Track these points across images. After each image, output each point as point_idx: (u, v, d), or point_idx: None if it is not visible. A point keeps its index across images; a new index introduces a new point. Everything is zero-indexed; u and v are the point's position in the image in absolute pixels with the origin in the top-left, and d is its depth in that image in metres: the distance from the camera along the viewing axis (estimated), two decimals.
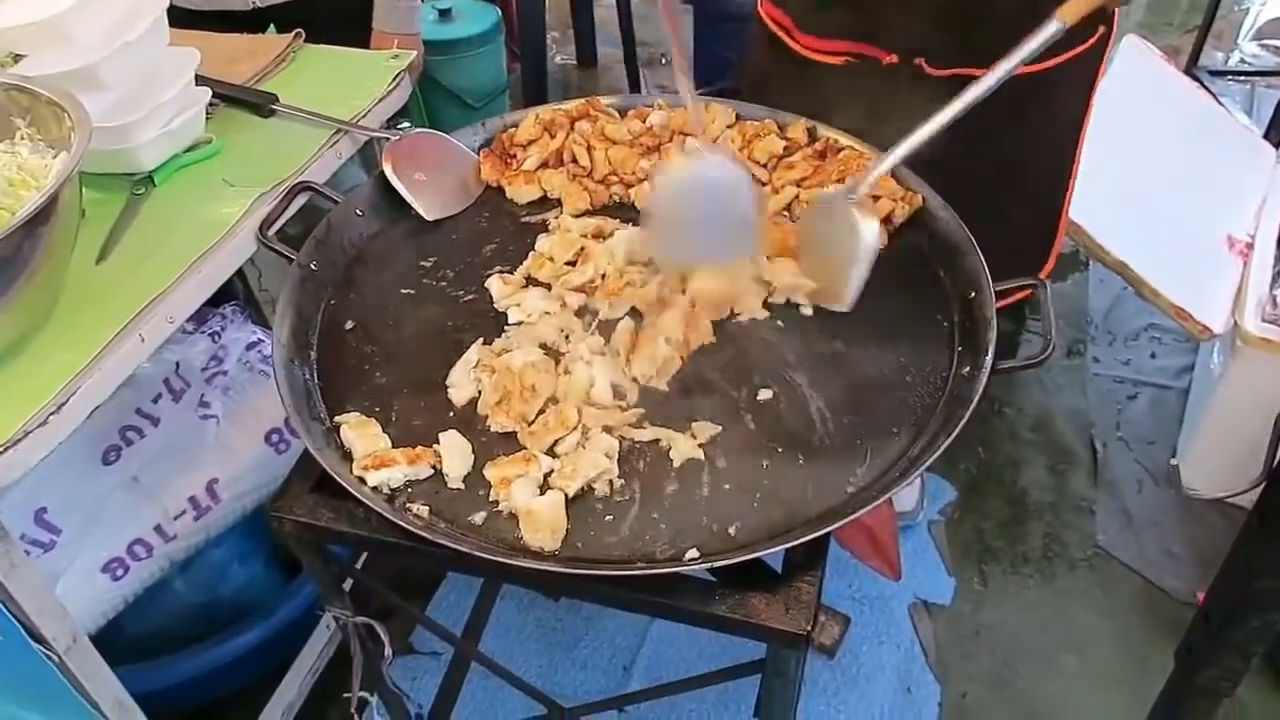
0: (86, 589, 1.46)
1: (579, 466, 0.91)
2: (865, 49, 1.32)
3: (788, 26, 1.39)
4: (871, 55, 1.32)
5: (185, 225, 1.16)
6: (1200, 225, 1.95)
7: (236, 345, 1.70)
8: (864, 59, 1.33)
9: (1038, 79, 1.21)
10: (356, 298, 1.13)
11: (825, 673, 1.82)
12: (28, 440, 0.92)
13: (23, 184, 1.00)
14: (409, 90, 1.46)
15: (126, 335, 1.02)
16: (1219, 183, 2.06)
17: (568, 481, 0.90)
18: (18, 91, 1.05)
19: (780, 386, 1.01)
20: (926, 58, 1.28)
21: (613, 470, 0.92)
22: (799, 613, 0.87)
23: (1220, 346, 2.04)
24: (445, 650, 1.83)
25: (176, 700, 1.60)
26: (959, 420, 0.92)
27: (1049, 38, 0.96)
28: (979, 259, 1.07)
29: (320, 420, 0.99)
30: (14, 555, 0.98)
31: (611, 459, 0.93)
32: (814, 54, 1.37)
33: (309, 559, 1.06)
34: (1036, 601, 1.95)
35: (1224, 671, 0.95)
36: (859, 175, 1.06)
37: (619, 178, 1.24)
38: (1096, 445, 2.25)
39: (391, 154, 1.22)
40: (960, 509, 2.13)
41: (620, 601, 0.93)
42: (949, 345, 1.04)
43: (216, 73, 1.36)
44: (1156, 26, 3.81)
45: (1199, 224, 1.95)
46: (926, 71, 1.29)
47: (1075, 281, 2.70)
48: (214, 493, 1.58)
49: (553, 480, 0.91)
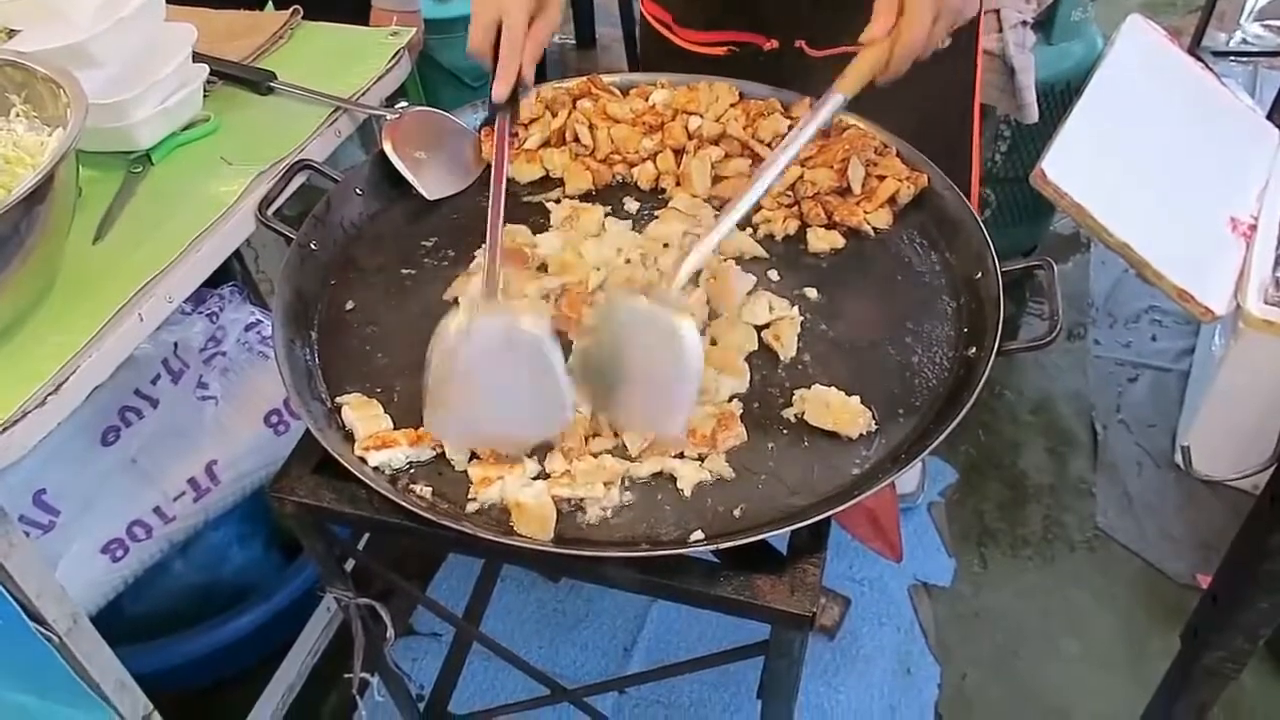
0: (86, 570, 1.46)
1: (576, 479, 0.88)
2: (745, 37, 1.33)
3: (668, 22, 1.41)
4: (751, 42, 1.33)
5: (183, 204, 1.15)
6: (1203, 207, 1.94)
7: (235, 326, 1.69)
8: (744, 46, 1.34)
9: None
10: (357, 277, 1.12)
11: (825, 654, 1.82)
12: (26, 421, 0.91)
13: (18, 161, 0.99)
14: (408, 68, 1.44)
15: (125, 315, 1.02)
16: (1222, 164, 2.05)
17: (563, 488, 0.88)
18: (12, 68, 1.04)
19: (784, 367, 1.00)
20: (808, 40, 1.29)
21: (612, 497, 0.88)
22: (804, 595, 0.86)
23: (1222, 329, 2.03)
24: (446, 631, 1.84)
25: (177, 681, 1.60)
26: (965, 402, 0.91)
27: (835, 108, 0.96)
28: (984, 238, 1.06)
29: (321, 401, 0.98)
30: (13, 536, 0.98)
31: (611, 486, 0.89)
32: (696, 47, 1.38)
33: (310, 540, 1.05)
34: (1036, 583, 1.96)
35: (1230, 653, 0.95)
36: (673, 269, 0.86)
37: (621, 157, 1.23)
38: (1097, 428, 2.25)
39: (391, 132, 1.20)
40: (960, 491, 2.13)
41: (624, 583, 0.92)
42: (954, 326, 1.03)
43: (214, 50, 1.34)
44: (1160, 7, 3.79)
45: (1202, 206, 1.94)
46: (808, 54, 1.30)
47: (1076, 263, 2.69)
48: (213, 474, 1.58)
49: (549, 484, 0.88)
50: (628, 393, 0.85)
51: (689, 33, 1.39)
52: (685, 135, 1.23)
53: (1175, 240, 1.79)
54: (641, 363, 0.84)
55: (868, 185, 1.15)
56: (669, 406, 0.84)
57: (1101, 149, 1.83)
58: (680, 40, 1.40)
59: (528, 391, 0.84)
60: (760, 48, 1.33)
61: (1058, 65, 2.24)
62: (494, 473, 0.89)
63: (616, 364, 0.84)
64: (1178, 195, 1.91)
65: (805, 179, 1.16)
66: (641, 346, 0.83)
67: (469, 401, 0.85)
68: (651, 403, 0.85)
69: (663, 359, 0.82)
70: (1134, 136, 1.94)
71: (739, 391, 0.98)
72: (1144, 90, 2.05)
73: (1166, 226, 1.81)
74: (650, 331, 0.82)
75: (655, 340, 0.82)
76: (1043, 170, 1.68)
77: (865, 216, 1.13)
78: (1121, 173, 1.86)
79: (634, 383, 0.84)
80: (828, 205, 1.14)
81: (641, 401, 0.86)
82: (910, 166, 1.16)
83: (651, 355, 0.83)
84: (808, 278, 1.10)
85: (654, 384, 0.84)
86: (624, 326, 0.84)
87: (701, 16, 1.36)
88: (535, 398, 0.85)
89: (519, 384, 0.84)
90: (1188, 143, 2.03)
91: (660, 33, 1.42)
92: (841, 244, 1.13)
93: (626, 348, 0.84)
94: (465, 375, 0.84)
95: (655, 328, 0.82)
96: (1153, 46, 2.13)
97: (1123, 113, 1.93)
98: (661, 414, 0.85)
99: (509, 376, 0.84)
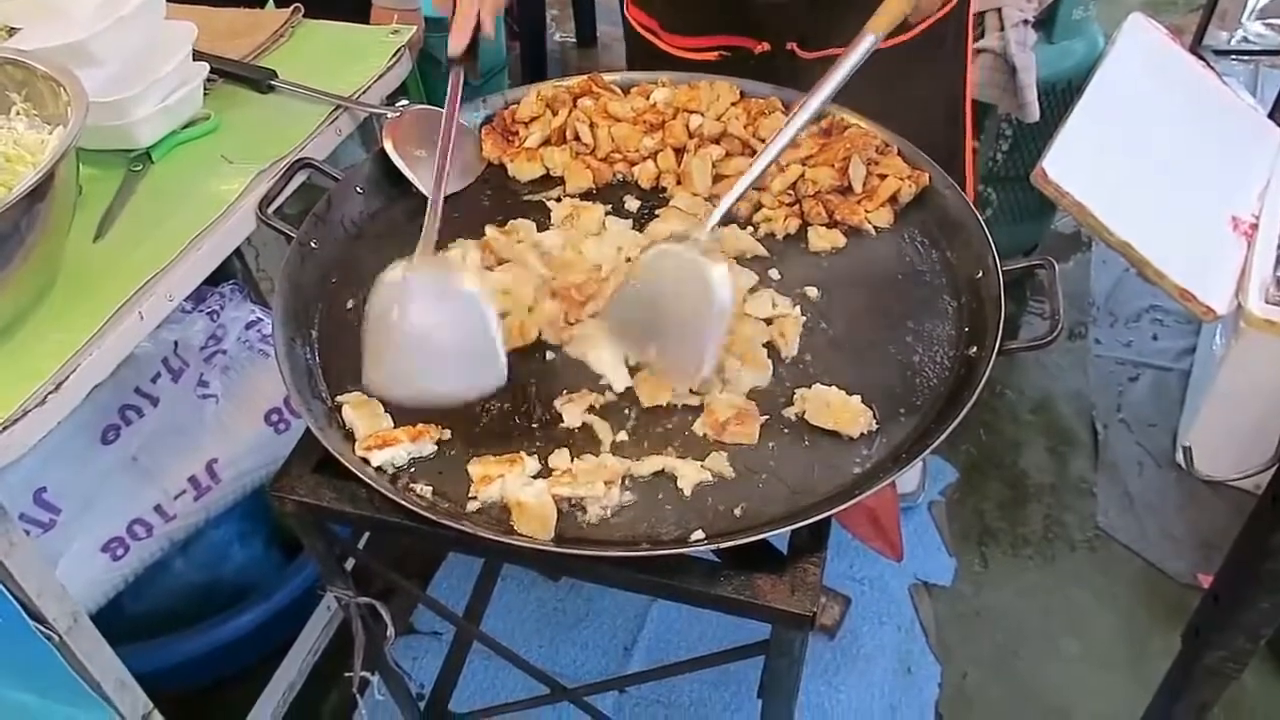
0: (86, 569, 1.46)
1: (577, 478, 0.88)
2: (735, 41, 1.33)
3: (654, 29, 1.39)
4: (743, 46, 1.32)
5: (184, 202, 1.15)
6: (1204, 206, 1.94)
7: (235, 324, 1.69)
8: (735, 50, 1.33)
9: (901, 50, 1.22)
10: (357, 276, 1.11)
11: (826, 653, 1.82)
12: (26, 420, 0.91)
13: (19, 160, 0.99)
14: (409, 66, 1.44)
15: (125, 313, 1.01)
16: (1224, 163, 2.04)
17: (563, 487, 0.88)
18: (13, 66, 1.04)
19: (785, 366, 1.00)
20: (799, 43, 1.29)
21: (613, 497, 0.88)
22: (804, 594, 0.86)
23: (1223, 328, 2.03)
24: (447, 629, 1.83)
25: (177, 680, 1.60)
26: (966, 402, 0.91)
27: (866, 51, 0.97)
28: (986, 237, 1.06)
29: (322, 400, 0.98)
30: (13, 535, 0.98)
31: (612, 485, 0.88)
32: (685, 53, 1.37)
33: (310, 539, 1.05)
34: (1037, 583, 1.95)
35: (1232, 653, 0.95)
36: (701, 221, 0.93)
37: (622, 155, 1.23)
38: (1097, 427, 2.24)
39: (392, 131, 1.20)
40: (961, 490, 2.13)
41: (625, 583, 0.92)
42: (955, 326, 1.03)
43: (214, 48, 1.34)
44: (1161, 5, 3.78)
45: (1203, 205, 1.94)
46: (800, 56, 1.30)
47: (1077, 262, 2.69)
48: (214, 472, 1.57)
49: (550, 483, 0.88)
50: (661, 336, 0.90)
51: (677, 39, 1.38)
52: (686, 134, 1.22)
53: (1176, 239, 1.79)
54: (674, 306, 0.88)
55: (869, 184, 1.15)
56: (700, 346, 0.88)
57: (1103, 148, 1.83)
58: (667, 46, 1.39)
59: (461, 346, 0.86)
60: (751, 51, 1.32)
61: (1059, 64, 2.24)
62: (494, 471, 0.89)
63: (651, 310, 0.89)
64: (1179, 194, 1.90)
65: (806, 178, 1.16)
66: (673, 291, 0.88)
67: (404, 354, 0.87)
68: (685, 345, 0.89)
69: (693, 300, 0.87)
70: (1135, 135, 1.93)
71: (760, 385, 0.97)
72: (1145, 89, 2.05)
73: (1168, 225, 1.81)
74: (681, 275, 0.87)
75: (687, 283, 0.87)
76: (1044, 169, 1.68)
77: (866, 215, 1.13)
78: (1123, 172, 1.86)
79: (667, 326, 0.88)
80: (829, 204, 1.14)
81: (675, 344, 0.90)
82: (912, 165, 1.16)
83: (682, 297, 0.87)
84: (809, 276, 1.09)
85: (686, 325, 0.88)
86: (658, 273, 0.88)
87: (689, 22, 1.35)
88: (469, 354, 0.86)
89: (453, 338, 0.86)
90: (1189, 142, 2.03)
91: (647, 39, 1.41)
92: (843, 243, 1.13)
93: (660, 294, 0.88)
94: (401, 327, 0.86)
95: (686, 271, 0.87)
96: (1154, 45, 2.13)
97: (1124, 111, 1.93)
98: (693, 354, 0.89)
99: (444, 330, 0.85)
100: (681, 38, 1.37)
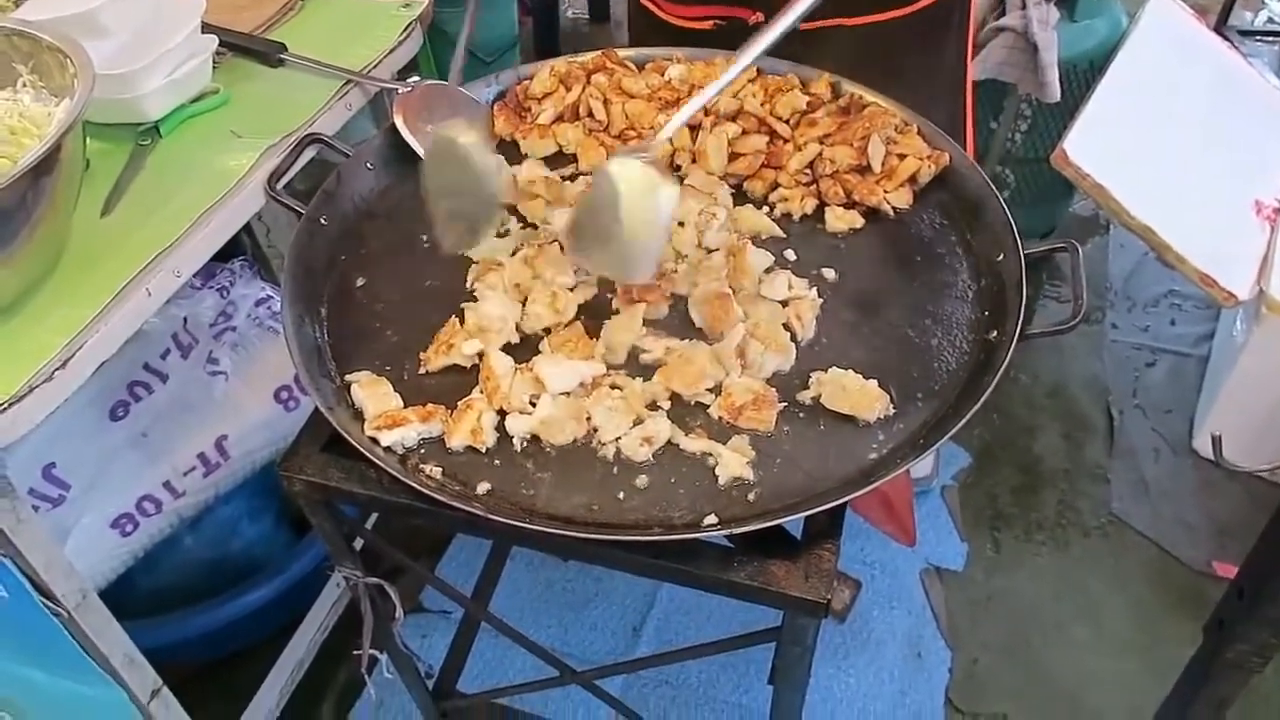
0: (95, 545, 1.45)
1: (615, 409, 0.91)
2: (731, 11, 1.32)
3: None
4: (738, 17, 1.31)
5: (192, 177, 1.13)
6: (1227, 189, 1.91)
7: (245, 301, 1.68)
8: (730, 20, 1.32)
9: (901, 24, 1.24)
10: (367, 254, 1.10)
11: (836, 637, 1.81)
12: (33, 396, 0.91)
13: (25, 132, 0.97)
14: (420, 41, 1.42)
15: (133, 289, 1.00)
16: (1248, 146, 2.01)
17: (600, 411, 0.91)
18: (19, 37, 1.02)
19: (801, 349, 0.98)
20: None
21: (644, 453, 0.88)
22: (818, 581, 0.85)
23: (1244, 314, 2.00)
24: (455, 609, 1.83)
25: (186, 656, 1.60)
26: (985, 387, 0.89)
27: None
28: (1007, 219, 1.04)
29: (330, 379, 0.97)
30: (22, 511, 0.97)
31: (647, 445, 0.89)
32: (683, 21, 1.37)
33: (319, 518, 1.04)
34: (1049, 569, 1.94)
35: (1255, 647, 0.94)
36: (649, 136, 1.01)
37: (636, 132, 1.21)
38: (1113, 413, 2.22)
39: (403, 106, 1.18)
40: (974, 475, 2.12)
41: (637, 567, 0.91)
42: (975, 309, 1.01)
43: (223, 20, 1.32)
44: None
45: (1226, 188, 1.91)
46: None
47: (1095, 246, 2.66)
48: (223, 449, 1.57)
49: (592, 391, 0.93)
50: (610, 240, 0.95)
51: (675, 7, 1.38)
52: (701, 110, 1.20)
53: (1198, 223, 1.76)
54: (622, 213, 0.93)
55: (888, 164, 1.13)
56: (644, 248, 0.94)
57: (1124, 129, 1.80)
58: (666, 15, 1.39)
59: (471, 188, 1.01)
60: (746, 22, 1.31)
61: (1081, 43, 2.20)
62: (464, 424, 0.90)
63: (600, 216, 0.95)
64: (1202, 177, 1.87)
65: (824, 157, 1.14)
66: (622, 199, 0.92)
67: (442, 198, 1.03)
68: (628, 246, 0.94)
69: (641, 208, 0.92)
70: (1158, 117, 1.90)
71: (783, 369, 0.96)
72: (1169, 69, 2.01)
73: (1190, 209, 1.78)
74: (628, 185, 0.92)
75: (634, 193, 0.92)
76: (1064, 150, 1.65)
77: (885, 196, 1.11)
78: (1144, 154, 1.83)
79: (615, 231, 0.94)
80: (847, 184, 1.12)
81: (620, 246, 0.94)
82: (932, 145, 1.14)
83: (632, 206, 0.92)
84: (825, 258, 1.07)
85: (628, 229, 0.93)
86: (607, 183, 0.93)
87: None
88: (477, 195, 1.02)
89: (464, 183, 1.01)
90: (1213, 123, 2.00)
91: (647, 8, 1.42)
92: (860, 224, 1.11)
93: (609, 203, 0.93)
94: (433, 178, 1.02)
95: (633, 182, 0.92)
96: (1178, 24, 2.09)
97: (1147, 92, 1.89)
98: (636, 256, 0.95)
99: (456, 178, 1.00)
100: (680, 6, 1.37)
